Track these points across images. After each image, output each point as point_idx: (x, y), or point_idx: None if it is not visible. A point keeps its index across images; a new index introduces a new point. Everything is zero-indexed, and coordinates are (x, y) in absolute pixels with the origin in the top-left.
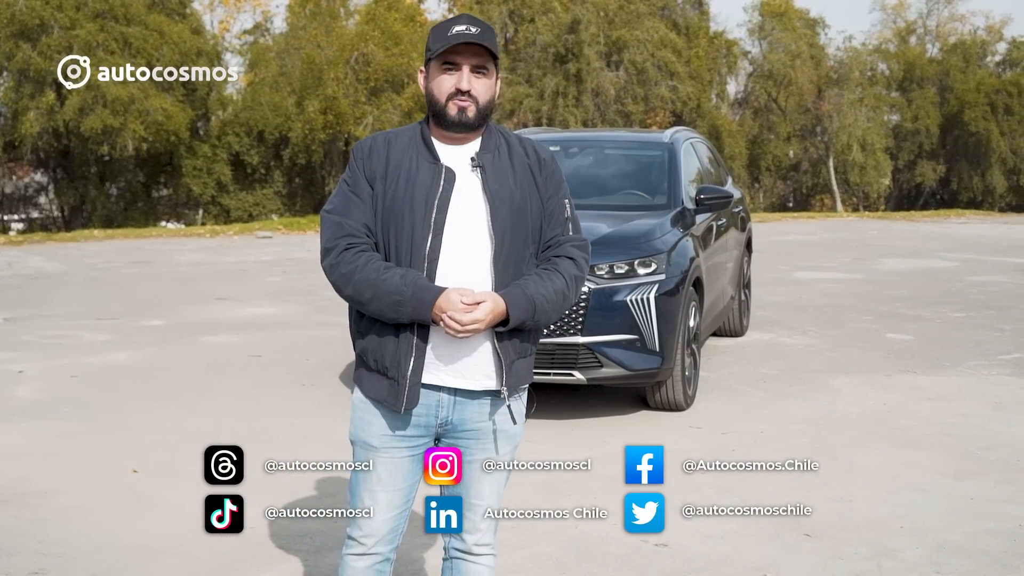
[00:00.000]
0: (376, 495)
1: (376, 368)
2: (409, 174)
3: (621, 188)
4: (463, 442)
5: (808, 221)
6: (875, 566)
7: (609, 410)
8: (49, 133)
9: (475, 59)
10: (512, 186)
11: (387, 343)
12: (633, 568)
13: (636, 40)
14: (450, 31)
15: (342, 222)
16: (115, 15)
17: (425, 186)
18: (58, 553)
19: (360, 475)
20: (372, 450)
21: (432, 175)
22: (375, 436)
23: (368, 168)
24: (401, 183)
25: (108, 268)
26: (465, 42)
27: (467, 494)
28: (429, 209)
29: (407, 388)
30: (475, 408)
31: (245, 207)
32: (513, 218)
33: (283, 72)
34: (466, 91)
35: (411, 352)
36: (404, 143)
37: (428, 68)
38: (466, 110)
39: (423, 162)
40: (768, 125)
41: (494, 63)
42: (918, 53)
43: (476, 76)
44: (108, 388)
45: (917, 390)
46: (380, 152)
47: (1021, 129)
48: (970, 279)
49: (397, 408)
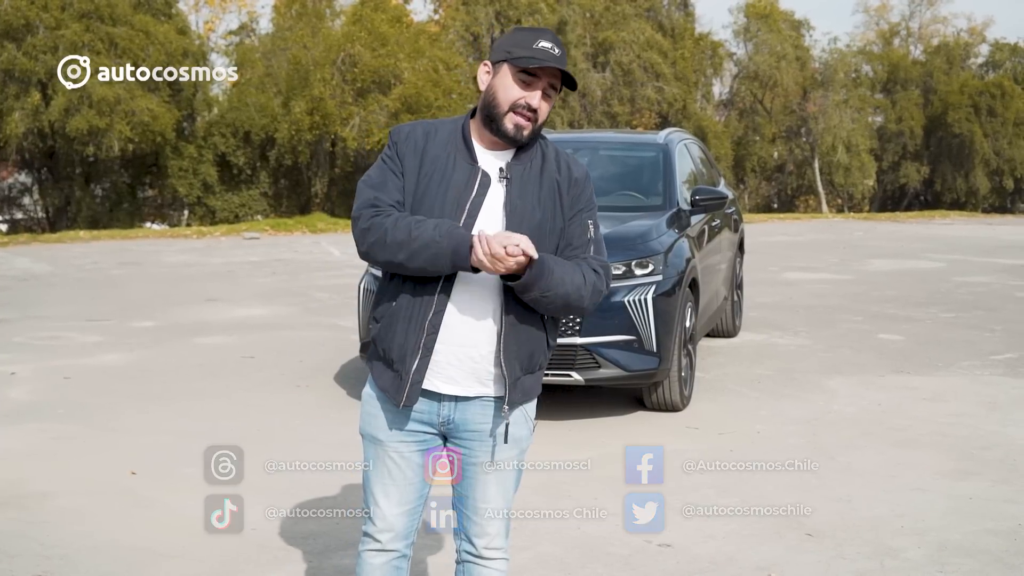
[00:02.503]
0: (388, 489)
1: (383, 358)
2: (445, 171)
3: (616, 189)
4: (466, 443)
5: (794, 222)
6: (878, 565)
7: (606, 411)
8: (34, 134)
9: (551, 80)
10: (535, 203)
11: (395, 336)
12: (637, 568)
13: (622, 41)
14: (536, 43)
15: (375, 195)
16: (101, 15)
17: (459, 186)
18: (60, 555)
19: (371, 470)
20: (379, 444)
21: (468, 176)
22: (381, 430)
23: (402, 154)
24: (436, 178)
25: (96, 269)
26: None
27: (472, 496)
28: (460, 211)
29: (408, 384)
30: (477, 410)
31: (231, 208)
32: (529, 236)
33: (269, 73)
34: (534, 109)
35: (418, 350)
36: (444, 138)
37: (497, 67)
38: (524, 129)
39: (461, 161)
40: (753, 126)
41: (560, 88)
42: (902, 55)
43: (544, 97)
44: (102, 390)
45: (911, 390)
46: (417, 144)
47: (1004, 131)
48: (958, 280)
49: (396, 401)
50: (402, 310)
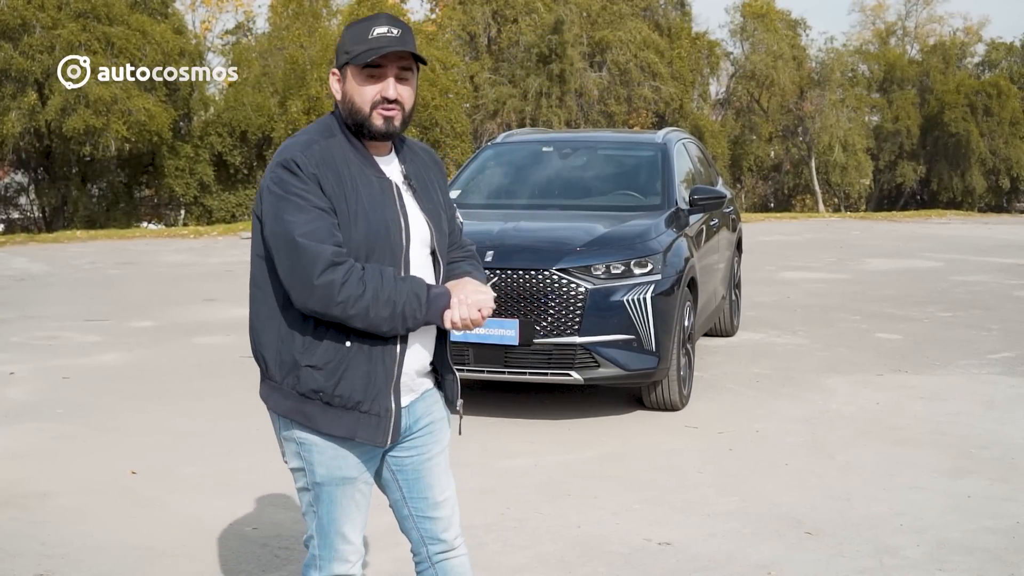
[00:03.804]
0: (355, 520)
1: (341, 404)
2: (362, 191)
3: (615, 189)
4: (417, 440)
5: (791, 221)
6: (877, 564)
7: (605, 410)
8: (31, 133)
9: (400, 63)
10: (437, 201)
11: (355, 379)
12: (638, 567)
13: (619, 41)
14: (371, 33)
15: (323, 248)
16: (97, 15)
17: (381, 204)
18: (61, 555)
19: (336, 512)
20: (350, 482)
21: (381, 191)
22: (352, 468)
23: (324, 184)
24: (363, 201)
25: (93, 269)
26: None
27: (431, 496)
28: (396, 231)
29: (392, 421)
30: (424, 404)
31: (228, 207)
32: (444, 237)
33: (266, 72)
34: (393, 100)
35: (389, 379)
36: (339, 153)
37: (344, 71)
38: (393, 119)
39: (370, 176)
40: (750, 126)
41: (417, 67)
42: (898, 54)
43: (401, 82)
44: (101, 389)
45: (909, 389)
46: (331, 167)
47: (1000, 130)
48: (955, 279)
49: (380, 443)
50: (357, 351)
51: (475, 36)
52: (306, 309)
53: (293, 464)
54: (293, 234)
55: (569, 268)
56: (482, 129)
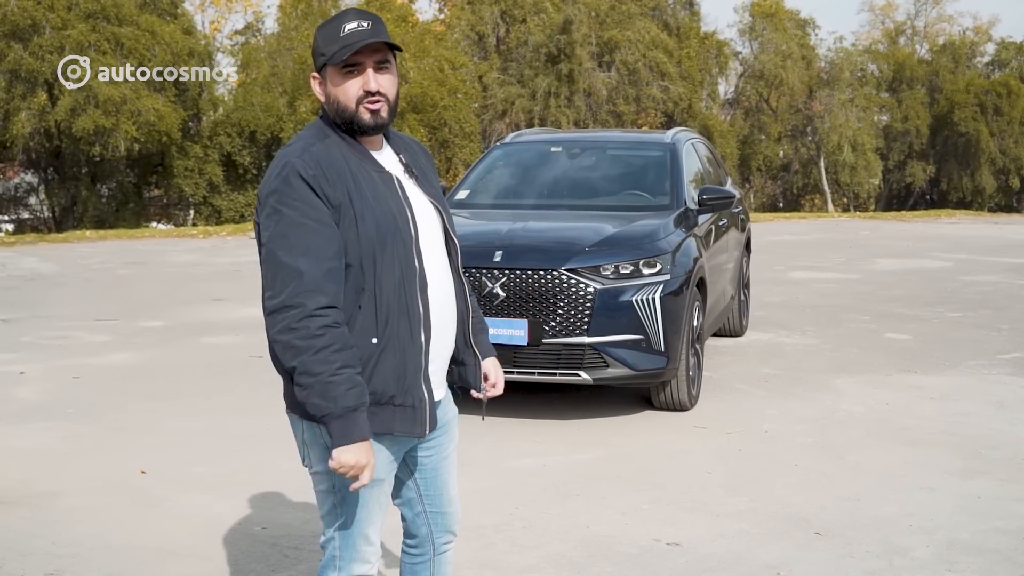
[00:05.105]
0: (377, 521)
1: (375, 400)
2: (366, 187)
3: (623, 189)
4: (438, 440)
5: (800, 221)
6: (887, 564)
7: (614, 410)
8: (40, 134)
9: (376, 55)
10: (436, 186)
11: (385, 368)
12: (647, 567)
13: (627, 40)
14: (342, 31)
15: (307, 273)
16: (107, 15)
17: (384, 198)
18: (71, 554)
19: (361, 514)
20: (378, 484)
21: (384, 185)
22: (382, 469)
23: (326, 188)
24: (367, 197)
25: (103, 269)
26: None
27: (446, 492)
28: (404, 222)
29: (427, 410)
30: (443, 404)
31: (237, 208)
32: (452, 218)
33: (275, 72)
34: (376, 92)
35: (419, 370)
36: (337, 153)
37: (324, 73)
38: (380, 111)
39: (370, 172)
40: (759, 125)
41: (394, 55)
42: (907, 54)
43: (380, 72)
44: (111, 389)
45: (919, 389)
46: (333, 167)
47: (1010, 130)
48: (965, 279)
49: (418, 434)
50: (385, 346)
51: (484, 36)
52: (263, 311)
53: (318, 468)
54: (277, 252)
55: (578, 268)
56: (491, 129)
